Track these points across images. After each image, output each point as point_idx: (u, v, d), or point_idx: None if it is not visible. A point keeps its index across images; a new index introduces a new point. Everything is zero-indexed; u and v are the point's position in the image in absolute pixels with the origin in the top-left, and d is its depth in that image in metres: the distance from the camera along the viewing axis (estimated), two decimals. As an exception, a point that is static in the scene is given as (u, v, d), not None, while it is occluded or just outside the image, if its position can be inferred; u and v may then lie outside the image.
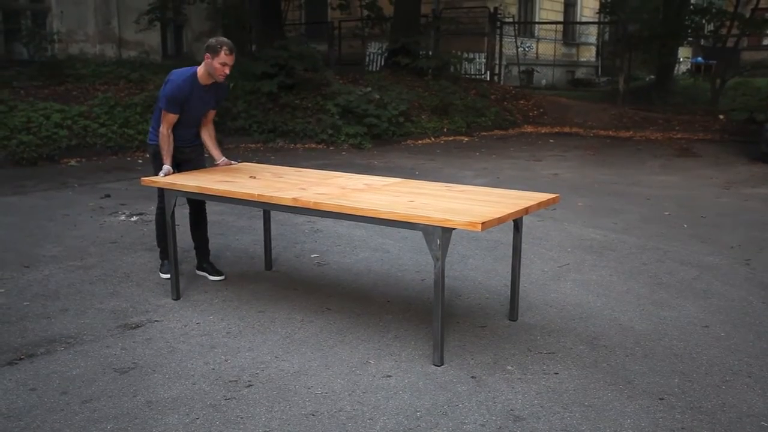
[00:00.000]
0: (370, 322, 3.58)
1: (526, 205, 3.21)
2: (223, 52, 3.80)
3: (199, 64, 3.97)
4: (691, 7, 17.45)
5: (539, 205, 3.33)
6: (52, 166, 8.29)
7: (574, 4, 22.19)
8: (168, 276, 4.04)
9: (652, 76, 18.55)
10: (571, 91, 18.52)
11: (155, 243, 4.99)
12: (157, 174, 3.95)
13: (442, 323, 3.06)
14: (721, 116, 13.78)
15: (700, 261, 4.79)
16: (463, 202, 3.23)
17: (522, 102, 15.11)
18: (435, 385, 2.89)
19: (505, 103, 14.68)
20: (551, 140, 12.13)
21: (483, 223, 2.82)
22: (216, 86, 4.03)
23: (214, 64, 3.83)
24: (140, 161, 8.83)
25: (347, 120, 10.77)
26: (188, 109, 3.98)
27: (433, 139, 11.80)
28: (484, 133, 12.57)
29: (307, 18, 19.97)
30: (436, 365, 3.05)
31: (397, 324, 3.56)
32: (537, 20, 19.81)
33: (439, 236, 2.89)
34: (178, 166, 4.08)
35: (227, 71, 3.88)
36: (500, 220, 2.99)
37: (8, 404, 2.71)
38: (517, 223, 3.46)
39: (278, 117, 10.79)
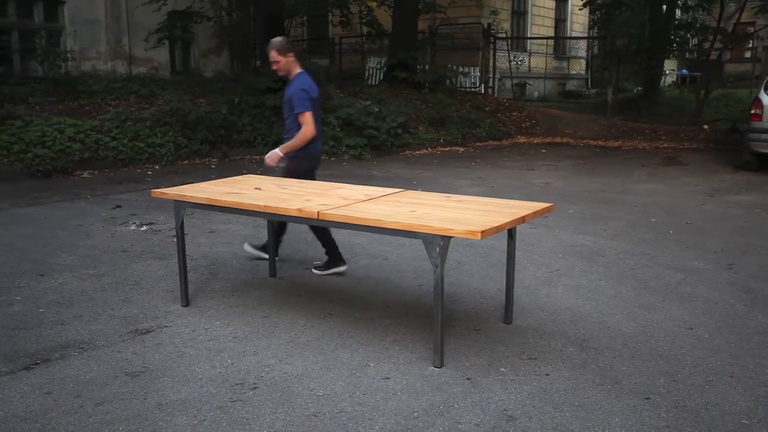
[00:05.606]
0: (370, 327, 3.67)
1: (523, 214, 3.28)
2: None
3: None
4: (676, 22, 17.67)
5: (535, 214, 3.39)
6: (66, 178, 8.44)
7: (565, 20, 22.37)
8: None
9: (640, 88, 18.67)
10: (562, 102, 18.69)
11: (164, 251, 5.14)
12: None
13: (442, 327, 3.13)
14: (706, 126, 13.89)
15: (685, 266, 4.87)
16: (462, 212, 3.30)
17: (515, 113, 15.28)
18: (432, 386, 2.97)
19: (499, 114, 14.85)
20: (543, 150, 12.24)
21: (482, 232, 2.90)
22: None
23: None
24: (150, 173, 8.98)
25: (348, 132, 10.92)
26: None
27: (430, 149, 11.96)
28: (479, 144, 12.72)
29: (309, 35, 20.16)
30: (436, 367, 3.13)
31: (395, 328, 3.65)
32: (529, 35, 19.97)
33: (439, 244, 2.97)
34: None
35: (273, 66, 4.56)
36: (499, 229, 3.05)
37: (25, 407, 2.79)
38: (510, 230, 3.52)
39: (282, 130, 10.93)
